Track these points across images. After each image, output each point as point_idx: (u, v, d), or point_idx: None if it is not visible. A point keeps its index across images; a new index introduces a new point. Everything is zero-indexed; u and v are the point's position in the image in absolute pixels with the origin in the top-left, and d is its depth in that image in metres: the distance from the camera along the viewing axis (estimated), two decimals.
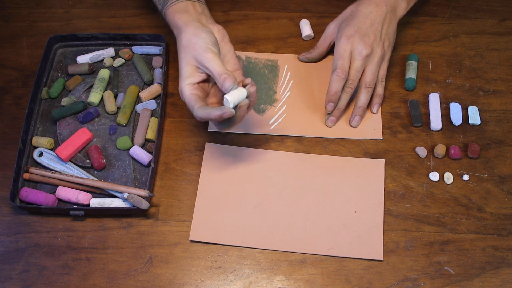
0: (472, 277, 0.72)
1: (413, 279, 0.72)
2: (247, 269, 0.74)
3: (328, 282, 0.73)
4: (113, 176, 0.80)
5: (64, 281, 0.73)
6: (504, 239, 0.75)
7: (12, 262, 0.75)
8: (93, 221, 0.78)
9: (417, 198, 0.78)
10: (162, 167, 0.82)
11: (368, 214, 0.77)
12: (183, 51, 0.75)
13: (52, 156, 0.81)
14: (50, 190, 0.79)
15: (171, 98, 0.88)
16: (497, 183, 0.79)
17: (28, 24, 0.97)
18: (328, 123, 0.84)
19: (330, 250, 0.74)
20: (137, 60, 0.90)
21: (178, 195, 0.79)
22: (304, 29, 0.94)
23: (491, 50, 0.92)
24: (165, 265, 0.74)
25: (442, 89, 0.88)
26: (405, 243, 0.75)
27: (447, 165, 0.81)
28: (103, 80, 0.88)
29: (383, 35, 0.83)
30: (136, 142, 0.82)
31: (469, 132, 0.84)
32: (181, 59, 0.75)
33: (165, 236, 0.76)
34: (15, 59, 0.93)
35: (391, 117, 0.86)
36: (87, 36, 0.91)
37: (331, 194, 0.78)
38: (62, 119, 0.85)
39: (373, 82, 0.83)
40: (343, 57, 0.81)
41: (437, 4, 0.97)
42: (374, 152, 0.82)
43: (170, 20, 0.80)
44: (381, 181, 0.79)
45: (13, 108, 0.88)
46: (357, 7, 0.84)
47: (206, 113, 0.71)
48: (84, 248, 0.76)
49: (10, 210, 0.79)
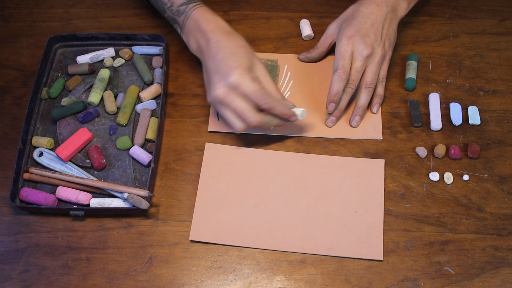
0: (472, 277, 0.73)
1: (413, 279, 0.72)
2: (247, 269, 0.74)
3: (328, 282, 0.73)
4: (113, 176, 0.80)
5: (64, 281, 0.73)
6: (504, 239, 0.75)
7: (12, 262, 0.75)
8: (93, 221, 0.78)
9: (417, 198, 0.78)
10: (162, 167, 0.82)
11: (368, 214, 0.77)
12: (243, 47, 0.76)
13: (52, 156, 0.81)
14: (50, 190, 0.79)
15: (171, 98, 0.88)
16: (497, 183, 0.79)
17: (28, 24, 0.97)
18: (328, 123, 0.84)
19: (330, 250, 0.74)
20: (137, 60, 0.90)
21: (178, 195, 0.79)
22: (304, 29, 0.94)
23: (491, 50, 0.92)
24: (165, 265, 0.74)
25: (442, 89, 0.88)
26: (405, 243, 0.75)
27: (447, 165, 0.81)
28: (103, 80, 0.88)
29: (384, 35, 0.83)
30: (136, 142, 0.82)
31: (469, 132, 0.84)
32: (241, 53, 0.75)
33: (165, 236, 0.76)
34: (15, 59, 0.93)
35: (391, 117, 0.86)
36: (87, 36, 0.91)
37: (331, 194, 0.78)
38: (62, 119, 0.85)
39: (374, 83, 0.83)
40: (344, 57, 0.81)
41: (437, 4, 0.97)
42: (374, 152, 0.82)
43: (203, 21, 0.79)
44: (381, 181, 0.79)
45: (13, 108, 0.88)
46: (358, 8, 0.84)
47: (286, 108, 0.76)
48: (84, 248, 0.76)
49: (10, 210, 0.79)
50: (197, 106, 0.87)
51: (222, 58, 0.75)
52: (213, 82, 0.75)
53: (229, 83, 0.73)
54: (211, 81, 0.76)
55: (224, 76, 0.74)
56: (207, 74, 0.77)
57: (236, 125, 0.76)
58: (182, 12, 0.81)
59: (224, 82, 0.74)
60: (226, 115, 0.76)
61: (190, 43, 0.81)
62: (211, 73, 0.76)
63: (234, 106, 0.74)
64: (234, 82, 0.73)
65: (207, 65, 0.77)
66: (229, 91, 0.74)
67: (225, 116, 0.76)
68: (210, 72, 0.76)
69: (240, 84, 0.73)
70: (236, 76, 0.73)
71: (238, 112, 0.75)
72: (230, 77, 0.73)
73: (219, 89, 0.74)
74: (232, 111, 0.75)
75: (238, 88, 0.73)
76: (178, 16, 0.82)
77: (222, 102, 0.75)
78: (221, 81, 0.74)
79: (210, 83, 0.76)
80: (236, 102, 0.74)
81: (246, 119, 0.75)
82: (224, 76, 0.74)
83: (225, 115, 0.76)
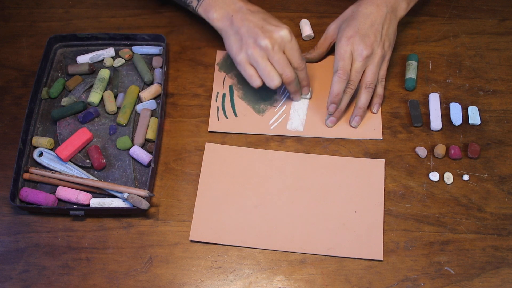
0: (472, 277, 0.73)
1: (413, 279, 0.72)
2: (247, 269, 0.74)
3: (328, 282, 0.73)
4: (113, 176, 0.80)
5: (64, 281, 0.73)
6: (504, 239, 0.75)
7: (12, 262, 0.75)
8: (93, 221, 0.78)
9: (417, 198, 0.78)
10: (162, 167, 0.82)
11: (368, 214, 0.77)
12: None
13: (52, 156, 0.81)
14: (50, 190, 0.79)
15: (171, 98, 0.88)
16: (497, 183, 0.79)
17: (28, 24, 0.97)
18: (328, 124, 0.84)
19: (330, 250, 0.74)
20: (137, 60, 0.90)
21: (178, 195, 0.79)
22: (304, 29, 0.94)
23: (491, 50, 0.92)
24: (165, 265, 0.74)
25: (442, 89, 0.88)
26: (405, 243, 0.75)
27: (447, 165, 0.81)
28: (103, 80, 0.88)
29: (384, 35, 0.83)
30: (136, 142, 0.82)
31: (469, 132, 0.84)
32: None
33: (165, 236, 0.76)
34: (15, 59, 0.93)
35: (391, 117, 0.86)
36: (87, 36, 0.91)
37: (331, 194, 0.78)
38: (62, 119, 0.85)
39: (374, 83, 0.83)
40: (344, 58, 0.81)
41: (437, 4, 0.97)
42: (374, 152, 0.82)
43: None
44: (381, 181, 0.79)
45: (13, 108, 0.88)
46: (358, 8, 0.84)
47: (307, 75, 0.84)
48: (84, 248, 0.76)
49: (10, 210, 0.79)
50: (197, 106, 0.87)
51: (266, 17, 0.81)
52: (256, 36, 0.78)
53: (280, 36, 0.78)
54: (252, 36, 0.79)
55: (273, 30, 0.78)
56: (241, 35, 0.80)
57: (275, 79, 0.79)
58: None
59: (274, 34, 0.78)
60: (265, 69, 0.79)
61: (212, 13, 0.84)
62: (250, 30, 0.79)
63: (277, 58, 0.78)
64: (286, 36, 0.79)
65: (241, 26, 0.80)
66: (276, 43, 0.78)
67: (265, 69, 0.79)
68: (250, 29, 0.79)
69: (292, 38, 0.79)
70: (288, 30, 0.79)
71: (281, 64, 0.79)
72: (281, 30, 0.78)
73: (266, 39, 0.78)
74: (273, 63, 0.79)
75: (288, 42, 0.79)
76: None
77: (268, 52, 0.78)
78: (268, 33, 0.78)
79: (248, 38, 0.79)
80: (280, 55, 0.79)
81: (286, 73, 0.79)
82: (273, 30, 0.78)
83: (265, 68, 0.79)
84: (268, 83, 0.79)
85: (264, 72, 0.79)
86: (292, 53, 0.80)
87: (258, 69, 0.79)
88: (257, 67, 0.79)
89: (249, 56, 0.79)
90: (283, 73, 0.79)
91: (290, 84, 0.82)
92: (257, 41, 0.78)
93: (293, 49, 0.79)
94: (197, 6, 0.86)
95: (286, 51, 0.79)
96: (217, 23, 0.84)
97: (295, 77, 0.81)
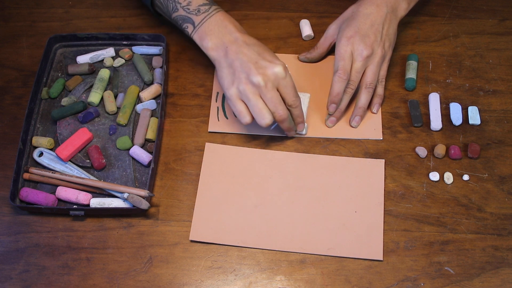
0: (472, 277, 0.73)
1: (413, 279, 0.72)
2: (247, 269, 0.74)
3: (328, 282, 0.73)
4: (113, 176, 0.81)
5: (64, 281, 0.73)
6: (504, 239, 0.75)
7: (12, 262, 0.75)
8: (93, 221, 0.78)
9: (417, 198, 0.78)
10: (162, 167, 0.82)
11: (368, 214, 0.77)
12: None
13: (52, 156, 0.81)
14: (50, 190, 0.79)
15: (171, 98, 0.88)
16: (497, 183, 0.79)
17: (28, 24, 0.97)
18: (328, 124, 0.84)
19: (330, 250, 0.74)
20: (137, 60, 0.90)
21: (178, 195, 0.79)
22: (304, 29, 0.94)
23: (491, 50, 0.92)
24: (165, 265, 0.74)
25: (442, 89, 0.88)
26: (405, 243, 0.75)
27: (447, 165, 0.81)
28: (103, 80, 0.88)
29: (384, 35, 0.83)
30: (136, 142, 0.82)
31: (469, 132, 0.84)
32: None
33: (165, 236, 0.76)
34: (15, 59, 0.93)
35: (391, 117, 0.86)
36: (87, 36, 0.91)
37: (331, 194, 0.78)
38: (62, 119, 0.85)
39: (374, 83, 0.83)
40: (344, 58, 0.81)
41: (437, 4, 0.97)
42: (374, 152, 0.82)
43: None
44: (381, 181, 0.79)
45: (13, 108, 0.88)
46: (358, 8, 0.84)
47: (302, 113, 0.81)
48: (84, 248, 0.76)
49: (10, 210, 0.79)
50: (197, 106, 0.87)
51: (262, 51, 0.77)
52: (249, 71, 0.75)
53: (274, 72, 0.75)
54: (245, 71, 0.76)
55: (267, 66, 0.76)
56: (234, 68, 0.77)
57: (266, 117, 0.76)
58: (204, 11, 0.82)
59: (268, 70, 0.75)
60: (256, 106, 0.76)
61: (206, 41, 0.80)
62: (244, 64, 0.76)
63: (270, 96, 0.75)
64: (280, 72, 0.75)
65: (235, 59, 0.77)
66: (269, 80, 0.75)
67: (256, 107, 0.76)
68: (243, 63, 0.76)
69: (287, 75, 0.76)
70: (282, 67, 0.76)
71: (273, 102, 0.76)
72: (276, 67, 0.75)
73: (259, 76, 0.75)
74: (265, 101, 0.76)
75: (282, 78, 0.76)
76: (195, 15, 0.81)
77: (260, 89, 0.75)
78: (262, 69, 0.75)
79: (241, 73, 0.76)
80: (273, 92, 0.76)
81: (279, 111, 0.76)
82: (267, 66, 0.76)
83: (256, 106, 0.76)
84: (259, 121, 0.76)
85: (255, 109, 0.76)
86: (286, 90, 0.76)
87: (249, 105, 0.76)
88: (248, 103, 0.76)
89: (240, 92, 0.76)
90: (276, 112, 0.76)
91: (283, 122, 0.78)
92: (249, 77, 0.75)
93: (287, 86, 0.76)
94: (193, 32, 0.82)
95: (280, 88, 0.76)
96: (211, 52, 0.80)
97: (288, 115, 0.78)
